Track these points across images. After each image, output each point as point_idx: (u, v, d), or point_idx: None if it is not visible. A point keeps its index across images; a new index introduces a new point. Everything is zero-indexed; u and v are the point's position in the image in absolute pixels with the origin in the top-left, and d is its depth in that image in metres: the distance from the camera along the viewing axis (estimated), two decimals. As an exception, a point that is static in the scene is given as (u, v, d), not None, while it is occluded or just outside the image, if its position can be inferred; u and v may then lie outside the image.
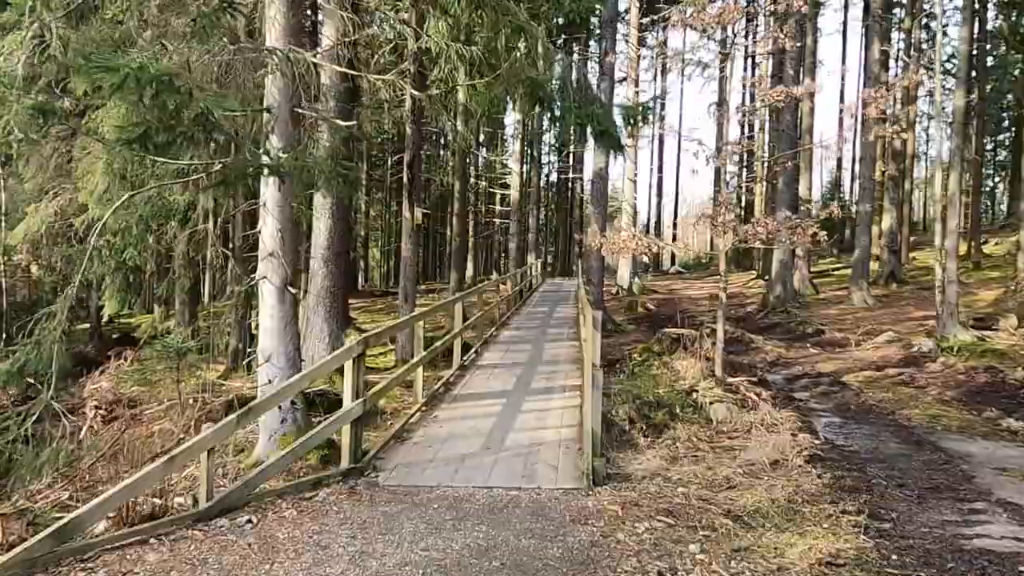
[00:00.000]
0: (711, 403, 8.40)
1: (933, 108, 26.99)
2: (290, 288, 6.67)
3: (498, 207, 32.46)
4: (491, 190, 32.20)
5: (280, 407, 6.59)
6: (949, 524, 4.78)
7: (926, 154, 42.72)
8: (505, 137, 33.99)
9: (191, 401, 8.92)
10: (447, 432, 6.68)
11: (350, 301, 32.00)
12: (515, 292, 19.36)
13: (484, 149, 31.23)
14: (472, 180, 30.68)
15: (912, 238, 31.21)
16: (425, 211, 13.14)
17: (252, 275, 6.82)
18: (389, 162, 31.73)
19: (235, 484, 5.15)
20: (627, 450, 6.55)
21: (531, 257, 30.75)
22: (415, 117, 12.62)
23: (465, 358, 10.24)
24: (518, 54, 8.19)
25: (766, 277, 31.29)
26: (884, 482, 5.75)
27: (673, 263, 56.76)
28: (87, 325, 17.81)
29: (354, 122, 9.87)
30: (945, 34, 35.25)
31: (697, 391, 9.04)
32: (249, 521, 4.59)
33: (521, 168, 24.62)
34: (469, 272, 35.56)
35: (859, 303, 20.20)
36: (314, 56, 7.24)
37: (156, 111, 4.95)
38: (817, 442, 6.83)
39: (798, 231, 7.54)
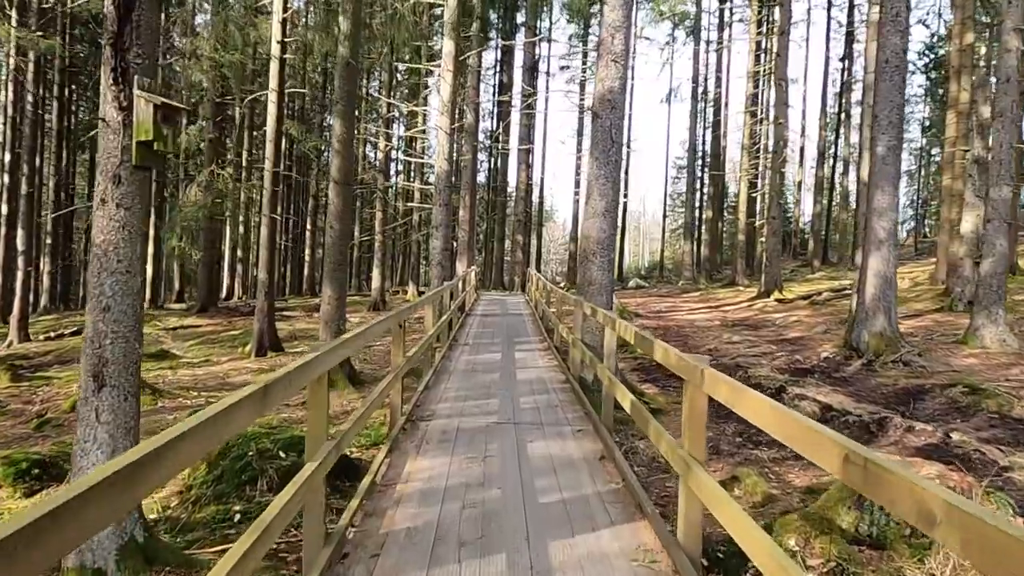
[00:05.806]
0: None
1: None
2: None
3: (417, 186, 23.10)
4: (406, 155, 23.00)
5: None
6: None
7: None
8: (427, 90, 24.88)
9: None
10: None
11: (206, 323, 22.41)
12: (443, 324, 10.65)
13: (395, 95, 21.98)
14: (369, 132, 21.35)
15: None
16: (178, 105, 3.89)
17: None
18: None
19: None
20: None
21: (461, 266, 21.91)
22: None
23: None
24: None
25: (775, 296, 23.79)
26: None
27: (621, 277, 49.18)
28: None
29: None
30: None
31: None
32: None
33: (451, 123, 15.84)
34: (376, 283, 26.41)
35: (995, 345, 12.62)
36: None
37: None
38: None
39: None
